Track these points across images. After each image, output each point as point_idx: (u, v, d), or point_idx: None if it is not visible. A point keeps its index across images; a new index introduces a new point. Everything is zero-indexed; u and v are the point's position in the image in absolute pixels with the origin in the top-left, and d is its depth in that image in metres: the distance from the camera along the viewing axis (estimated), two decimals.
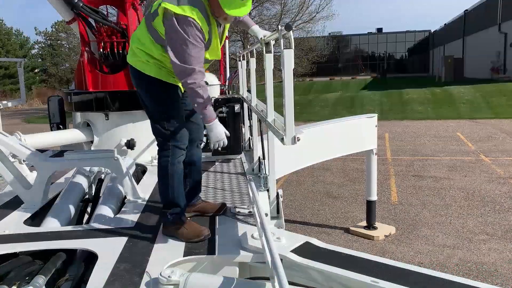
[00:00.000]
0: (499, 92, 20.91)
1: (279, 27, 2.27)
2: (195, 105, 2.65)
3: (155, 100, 2.81)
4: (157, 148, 2.88)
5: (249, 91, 4.56)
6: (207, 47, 2.70)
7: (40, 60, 48.71)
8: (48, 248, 2.70)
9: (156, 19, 2.64)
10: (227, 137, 2.79)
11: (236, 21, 2.97)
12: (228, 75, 7.17)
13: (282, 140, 2.24)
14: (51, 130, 5.99)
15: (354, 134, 5.84)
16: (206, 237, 2.69)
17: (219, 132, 2.72)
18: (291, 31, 2.16)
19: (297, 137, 2.18)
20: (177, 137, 2.78)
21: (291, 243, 2.54)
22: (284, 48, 2.19)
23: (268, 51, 2.70)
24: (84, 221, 3.87)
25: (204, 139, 3.40)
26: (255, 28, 3.02)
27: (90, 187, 4.17)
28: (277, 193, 3.18)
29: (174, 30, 2.54)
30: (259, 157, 3.94)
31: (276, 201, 3.17)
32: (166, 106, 2.80)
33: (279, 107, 2.34)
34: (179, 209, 2.81)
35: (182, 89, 2.91)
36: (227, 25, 2.92)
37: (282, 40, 2.27)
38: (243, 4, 2.57)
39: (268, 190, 3.19)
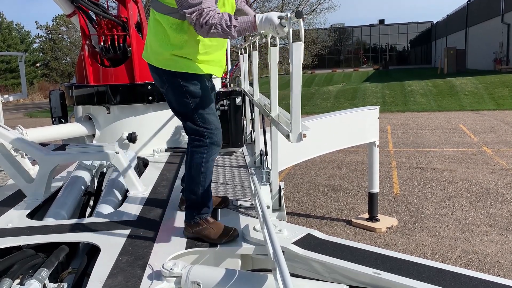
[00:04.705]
0: (502, 83, 20.81)
1: (288, 14, 2.04)
2: (232, 35, 2.30)
3: (183, 96, 2.56)
4: (158, 143, 2.80)
5: (250, 84, 4.54)
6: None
7: (41, 54, 48.75)
8: (50, 241, 2.71)
9: None
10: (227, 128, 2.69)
11: (235, 10, 2.85)
12: (229, 68, 7.16)
13: (287, 136, 2.13)
14: (53, 124, 5.99)
15: (356, 126, 5.83)
16: (236, 237, 2.54)
17: (268, 18, 2.22)
18: (301, 19, 1.92)
19: (304, 134, 2.09)
20: (212, 133, 2.58)
21: (293, 235, 2.54)
22: (293, 42, 2.00)
23: (273, 44, 2.66)
24: (87, 214, 3.89)
25: None
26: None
27: (92, 180, 4.18)
28: (279, 186, 3.18)
29: None
30: (261, 150, 3.93)
31: (278, 194, 3.17)
32: (195, 101, 2.56)
33: (280, 101, 2.30)
34: (207, 209, 2.65)
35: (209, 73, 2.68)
36: None
37: (290, 30, 2.07)
38: None
39: (270, 183, 3.19)
